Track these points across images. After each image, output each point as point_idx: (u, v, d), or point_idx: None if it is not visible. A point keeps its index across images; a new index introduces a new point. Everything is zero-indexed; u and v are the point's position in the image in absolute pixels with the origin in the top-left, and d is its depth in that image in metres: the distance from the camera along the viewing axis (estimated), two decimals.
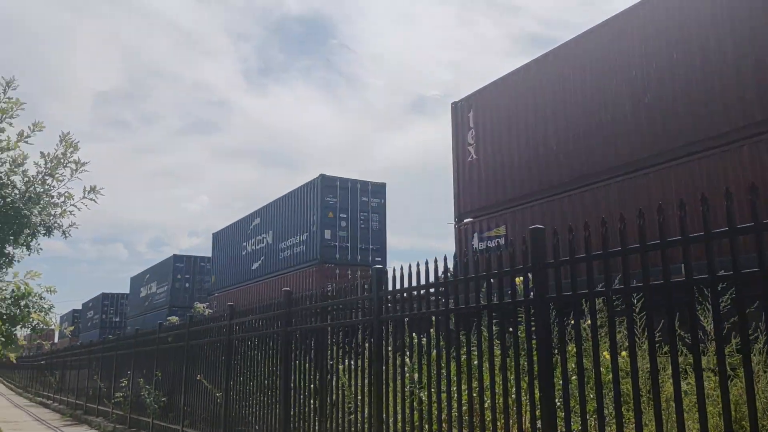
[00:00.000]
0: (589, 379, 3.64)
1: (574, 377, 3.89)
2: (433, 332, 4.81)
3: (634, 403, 3.24)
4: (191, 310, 24.06)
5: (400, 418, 5.03)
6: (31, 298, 8.65)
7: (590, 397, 3.66)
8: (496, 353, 4.25)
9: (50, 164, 8.32)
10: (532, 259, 3.92)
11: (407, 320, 5.14)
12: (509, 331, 4.09)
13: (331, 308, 6.31)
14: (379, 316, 5.43)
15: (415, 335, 5.06)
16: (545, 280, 3.87)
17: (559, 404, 3.71)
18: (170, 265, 44.73)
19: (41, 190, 8.27)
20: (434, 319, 4.83)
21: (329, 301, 6.34)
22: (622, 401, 3.36)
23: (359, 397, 5.61)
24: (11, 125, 8.29)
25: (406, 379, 5.06)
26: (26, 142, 8.37)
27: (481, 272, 4.37)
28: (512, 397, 4.03)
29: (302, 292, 7.25)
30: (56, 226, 8.40)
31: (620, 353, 3.84)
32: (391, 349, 5.27)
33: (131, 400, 12.47)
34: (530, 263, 3.92)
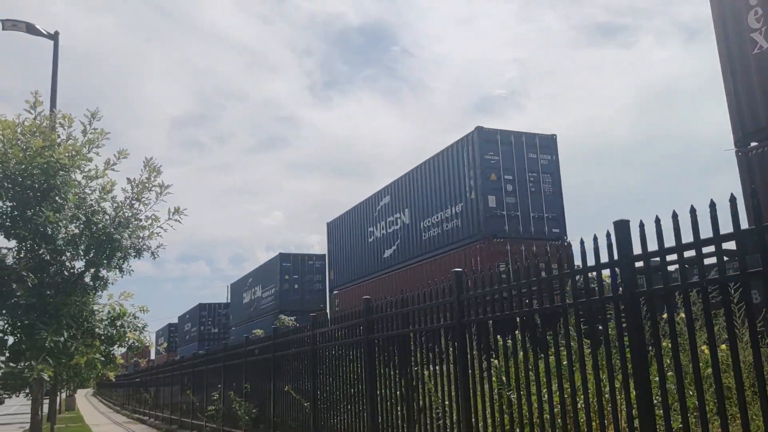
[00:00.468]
0: (686, 374, 3.50)
1: (669, 373, 3.75)
2: (518, 333, 4.74)
3: (737, 396, 3.09)
4: (303, 314, 21.09)
5: (490, 422, 4.97)
6: (126, 318, 9.09)
7: (689, 393, 3.52)
8: (585, 352, 4.15)
9: (136, 189, 8.75)
10: (618, 252, 3.81)
11: (491, 322, 5.09)
12: (599, 328, 3.99)
13: (411, 314, 6.30)
14: (461, 319, 5.39)
15: (499, 337, 4.99)
16: (633, 274, 3.75)
17: (655, 402, 3.59)
18: (276, 265, 40.66)
19: (129, 214, 8.70)
20: (518, 320, 4.76)
21: (409, 307, 6.33)
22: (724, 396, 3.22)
23: (446, 402, 5.57)
24: (98, 154, 8.78)
25: (493, 381, 5.00)
26: (113, 169, 8.85)
27: (564, 270, 4.28)
28: (605, 396, 3.93)
29: (467, 276, 5.45)
30: (145, 247, 8.81)
31: (719, 346, 3.68)
32: (475, 352, 5.22)
33: (223, 412, 12.84)
34: (616, 257, 3.82)
